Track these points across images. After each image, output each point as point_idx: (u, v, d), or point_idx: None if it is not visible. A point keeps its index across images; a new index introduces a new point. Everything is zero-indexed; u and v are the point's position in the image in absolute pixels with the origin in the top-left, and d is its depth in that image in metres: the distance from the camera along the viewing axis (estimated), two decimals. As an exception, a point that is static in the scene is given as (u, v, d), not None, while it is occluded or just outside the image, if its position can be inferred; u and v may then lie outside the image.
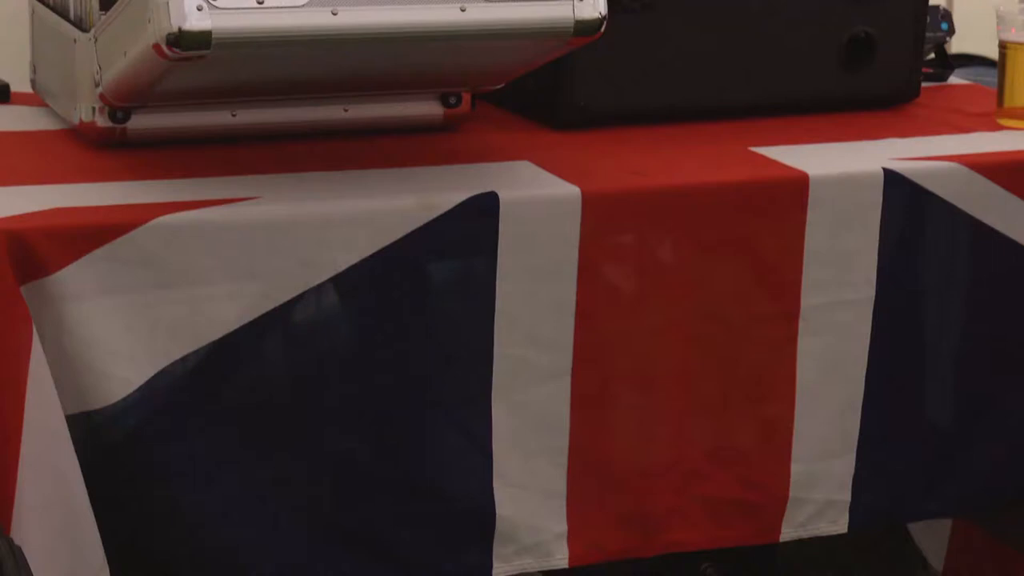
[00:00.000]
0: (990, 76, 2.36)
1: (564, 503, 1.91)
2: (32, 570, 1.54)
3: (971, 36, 2.84)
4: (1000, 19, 2.22)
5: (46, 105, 2.12)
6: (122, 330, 1.69)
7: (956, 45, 2.71)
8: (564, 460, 1.89)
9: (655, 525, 1.96)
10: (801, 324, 1.97)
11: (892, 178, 1.98)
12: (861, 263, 1.99)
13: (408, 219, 1.77)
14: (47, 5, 2.08)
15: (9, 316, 1.61)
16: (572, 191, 1.85)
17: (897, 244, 2.01)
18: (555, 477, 1.90)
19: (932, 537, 2.52)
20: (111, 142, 1.91)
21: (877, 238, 1.99)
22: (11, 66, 2.26)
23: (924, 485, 2.10)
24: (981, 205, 2.03)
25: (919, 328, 2.07)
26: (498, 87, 2.02)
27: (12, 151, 1.97)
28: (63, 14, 2.01)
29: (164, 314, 1.70)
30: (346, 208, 1.76)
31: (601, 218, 1.85)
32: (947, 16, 2.50)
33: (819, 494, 2.02)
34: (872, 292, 2.00)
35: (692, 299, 1.93)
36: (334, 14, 1.64)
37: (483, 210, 1.80)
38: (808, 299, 1.97)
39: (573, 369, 1.88)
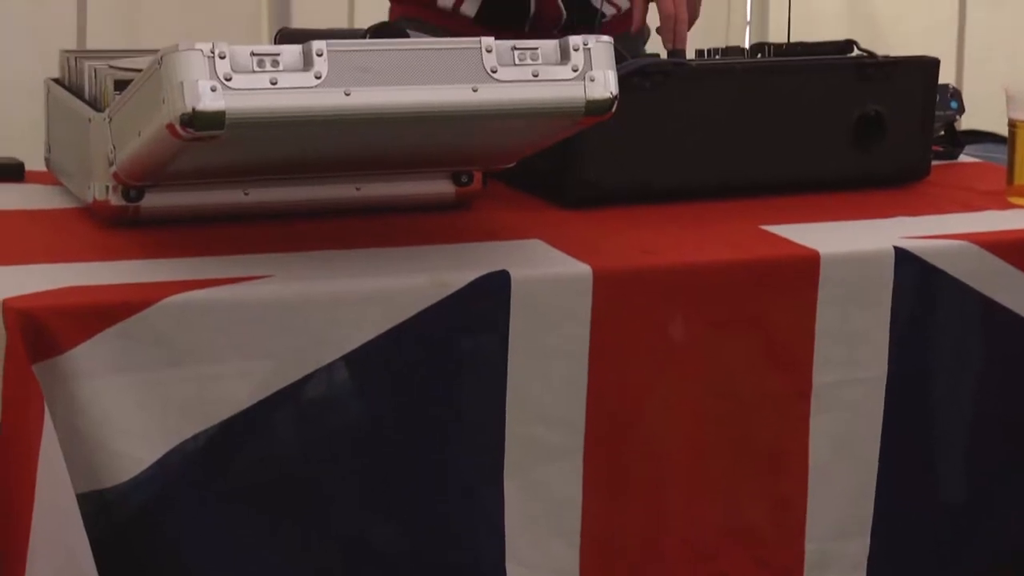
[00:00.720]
0: (1000, 153, 2.37)
1: (577, 583, 1.90)
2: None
3: (981, 112, 2.85)
4: (1009, 98, 2.23)
5: (60, 184, 2.13)
6: (133, 408, 1.69)
7: (966, 121, 2.72)
8: (577, 540, 1.89)
9: (669, 604, 1.95)
10: (813, 402, 1.97)
11: (903, 256, 1.98)
12: (873, 341, 1.99)
13: (420, 297, 1.77)
14: (62, 85, 2.11)
15: (21, 395, 1.61)
16: (583, 269, 1.85)
17: (908, 322, 2.00)
18: (568, 557, 1.89)
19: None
20: (124, 220, 1.92)
21: (888, 316, 1.99)
22: (26, 144, 2.28)
23: (938, 563, 2.08)
24: (992, 283, 2.03)
25: (932, 406, 2.07)
26: (509, 166, 2.03)
27: (26, 229, 1.98)
28: (78, 94, 2.03)
29: (175, 392, 1.70)
30: (358, 287, 1.76)
31: (612, 296, 1.85)
32: (957, 95, 2.51)
33: (833, 574, 2.01)
34: (884, 370, 2.00)
35: (704, 377, 1.93)
36: (347, 94, 1.65)
37: (494, 288, 1.80)
38: (820, 377, 1.97)
39: (585, 448, 1.87)
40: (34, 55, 2.32)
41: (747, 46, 2.54)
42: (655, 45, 2.47)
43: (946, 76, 2.42)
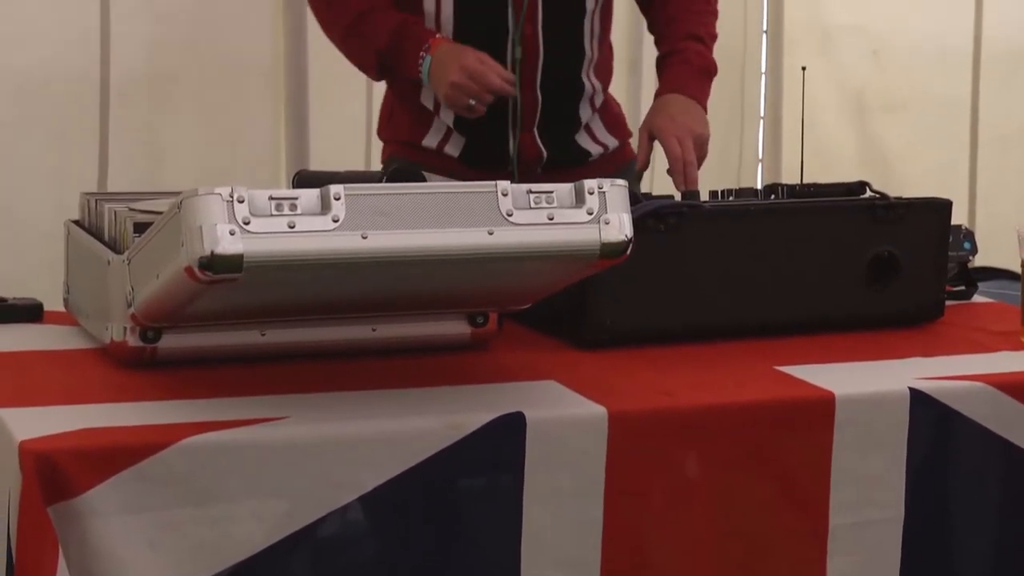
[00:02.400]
0: (1013, 289, 2.38)
1: None
2: None
3: (994, 250, 2.87)
4: (1021, 240, 2.24)
5: (78, 324, 2.15)
6: (148, 549, 1.68)
7: (980, 258, 2.73)
8: None
9: None
10: (830, 543, 1.96)
11: (918, 398, 1.98)
12: (889, 482, 1.98)
13: (435, 439, 1.77)
14: (82, 227, 2.12)
15: (36, 537, 1.61)
16: (598, 411, 1.85)
17: (925, 463, 2.00)
18: None
19: None
20: (141, 362, 1.93)
21: (904, 457, 1.98)
22: (45, 285, 2.30)
23: None
24: (1007, 425, 2.03)
25: (949, 547, 2.05)
26: (525, 307, 2.04)
27: (43, 371, 1.99)
28: (98, 236, 2.05)
29: (189, 533, 1.70)
30: (373, 429, 1.77)
31: (627, 438, 1.85)
32: (970, 236, 2.52)
33: None
34: (901, 511, 1.99)
35: (720, 517, 1.92)
36: (364, 238, 1.67)
37: (510, 430, 1.80)
38: (836, 518, 1.96)
39: (600, 590, 1.86)
40: (55, 197, 2.35)
41: (760, 186, 2.56)
42: (664, 185, 2.49)
43: (958, 212, 2.43)
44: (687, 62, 2.67)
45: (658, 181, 2.69)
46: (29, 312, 2.24)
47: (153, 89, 3.41)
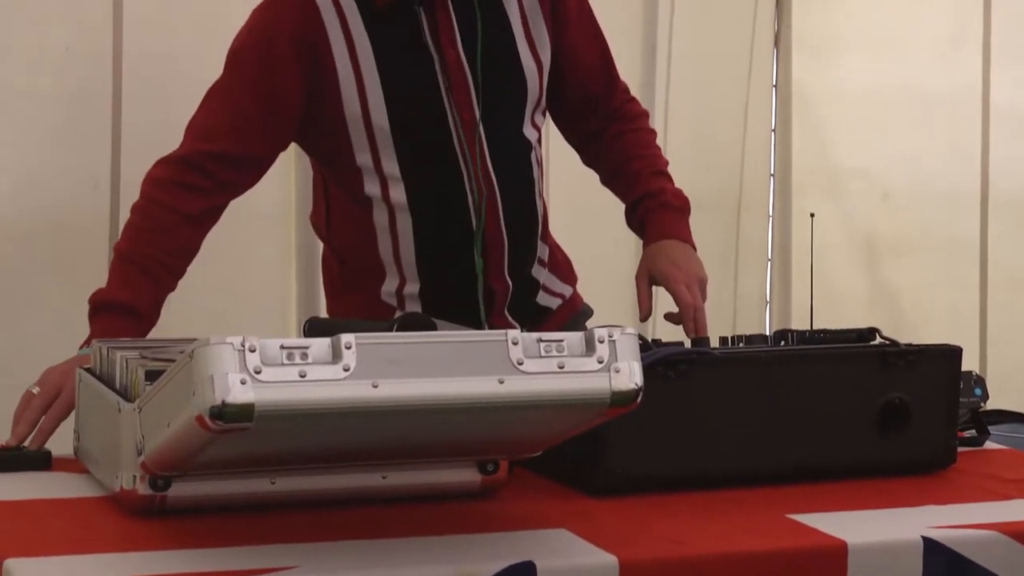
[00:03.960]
0: None
1: None
2: None
3: (1006, 392, 2.87)
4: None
5: (87, 472, 2.14)
6: None
7: (991, 401, 2.73)
8: None
9: None
10: None
11: (931, 546, 1.97)
12: (903, 631, 1.96)
13: (445, 588, 1.76)
14: (94, 374, 2.13)
15: None
16: (610, 560, 1.84)
17: (939, 612, 1.98)
18: None
19: None
20: (151, 510, 1.92)
21: (918, 606, 1.97)
22: (55, 433, 2.30)
23: None
24: (1022, 573, 2.01)
25: None
26: (535, 455, 2.04)
27: (52, 519, 1.98)
28: (109, 383, 2.05)
29: None
30: (383, 578, 1.76)
31: (639, 587, 1.84)
32: (981, 382, 2.52)
33: None
34: (916, 660, 1.97)
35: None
36: (375, 386, 1.68)
37: (520, 579, 1.79)
38: (851, 667, 1.94)
39: None
40: (65, 350, 2.37)
41: (769, 332, 2.57)
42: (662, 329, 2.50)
43: (969, 354, 2.43)
44: (667, 205, 2.67)
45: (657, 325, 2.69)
46: (38, 460, 2.24)
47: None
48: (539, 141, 2.66)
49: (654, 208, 2.67)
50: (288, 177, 3.65)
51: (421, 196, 2.56)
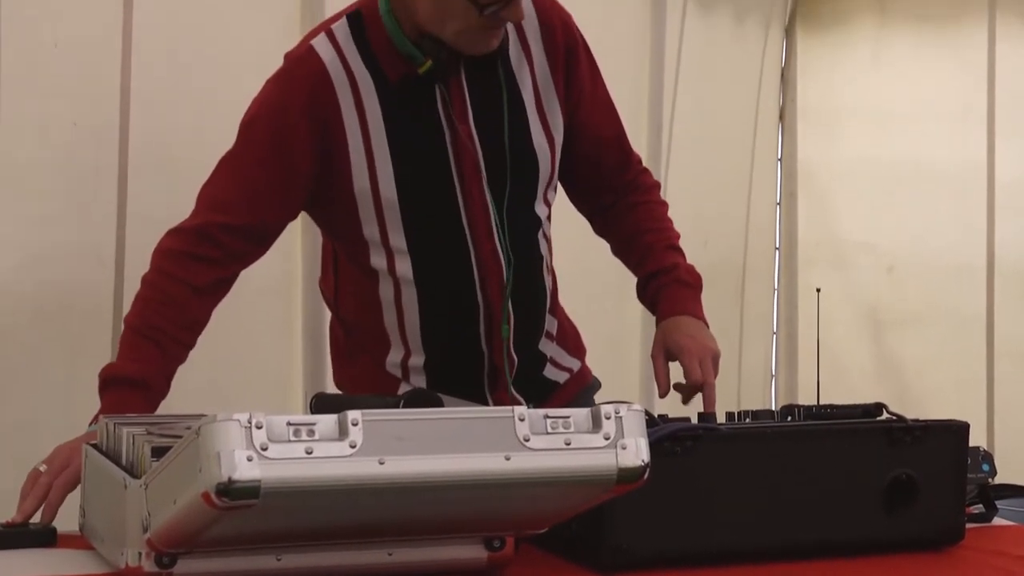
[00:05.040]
0: (1034, 506, 2.37)
1: None
2: None
3: (1014, 465, 2.86)
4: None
5: (93, 548, 2.13)
6: None
7: (999, 475, 2.72)
8: None
9: None
10: None
11: (940, 624, 1.96)
12: None
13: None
14: (100, 450, 2.13)
15: None
16: (617, 638, 1.83)
17: None
18: None
19: None
20: (156, 587, 1.92)
21: None
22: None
23: None
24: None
25: None
26: (542, 531, 2.03)
27: (57, 597, 1.97)
28: (115, 460, 2.05)
29: None
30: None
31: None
32: (988, 458, 2.52)
33: None
34: None
35: None
36: (381, 463, 1.68)
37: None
38: None
39: None
40: (69, 424, 2.37)
41: (775, 407, 2.57)
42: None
43: (976, 427, 2.43)
44: (680, 281, 2.67)
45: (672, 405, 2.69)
46: (43, 537, 2.23)
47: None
48: (549, 217, 2.67)
49: (667, 284, 2.67)
50: (294, 250, 3.66)
51: (427, 270, 2.56)
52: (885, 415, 2.34)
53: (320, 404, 2.07)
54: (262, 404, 1.73)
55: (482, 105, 2.54)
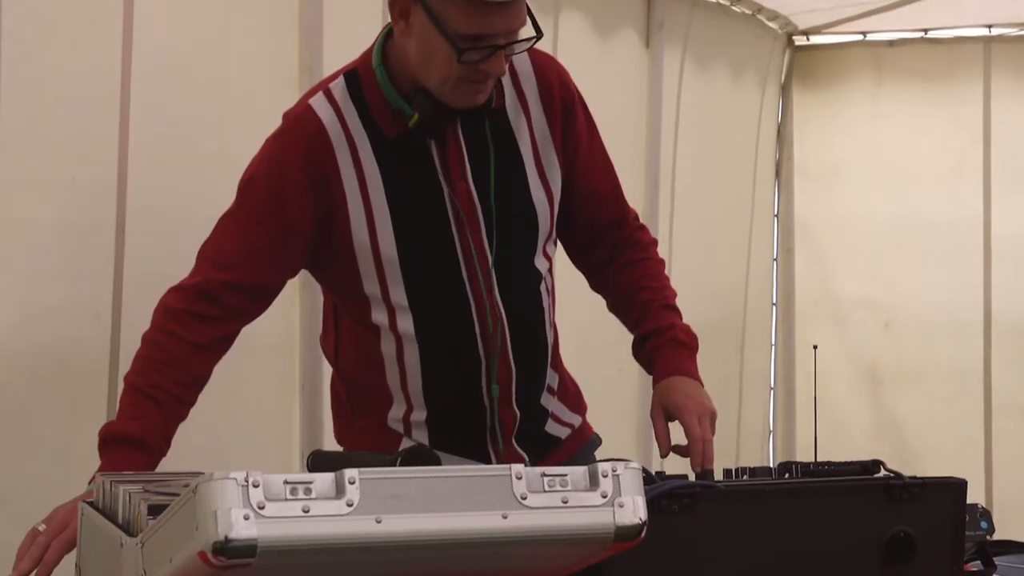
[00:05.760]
0: (1031, 566, 2.36)
1: None
2: None
3: (1012, 521, 2.85)
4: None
5: (88, 606, 2.13)
6: None
7: (997, 531, 2.72)
8: None
9: None
10: None
11: None
12: None
13: None
14: (96, 508, 2.12)
15: None
16: None
17: None
18: None
19: None
20: (152, 646, 1.90)
21: None
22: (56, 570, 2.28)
23: None
24: None
25: None
26: (539, 589, 2.02)
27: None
28: (112, 518, 2.04)
29: None
30: None
31: None
32: (987, 515, 2.51)
33: None
34: None
35: None
36: (378, 522, 1.67)
37: None
38: None
39: None
40: (66, 480, 2.37)
41: (773, 464, 2.56)
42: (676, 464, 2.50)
43: (974, 482, 2.43)
44: (676, 341, 2.67)
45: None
46: (39, 593, 2.22)
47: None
48: (550, 271, 2.67)
49: (664, 344, 2.67)
50: (293, 309, 3.65)
51: (428, 326, 2.56)
52: (883, 472, 2.34)
53: (317, 462, 2.06)
54: (261, 462, 1.72)
55: (479, 161, 2.55)
